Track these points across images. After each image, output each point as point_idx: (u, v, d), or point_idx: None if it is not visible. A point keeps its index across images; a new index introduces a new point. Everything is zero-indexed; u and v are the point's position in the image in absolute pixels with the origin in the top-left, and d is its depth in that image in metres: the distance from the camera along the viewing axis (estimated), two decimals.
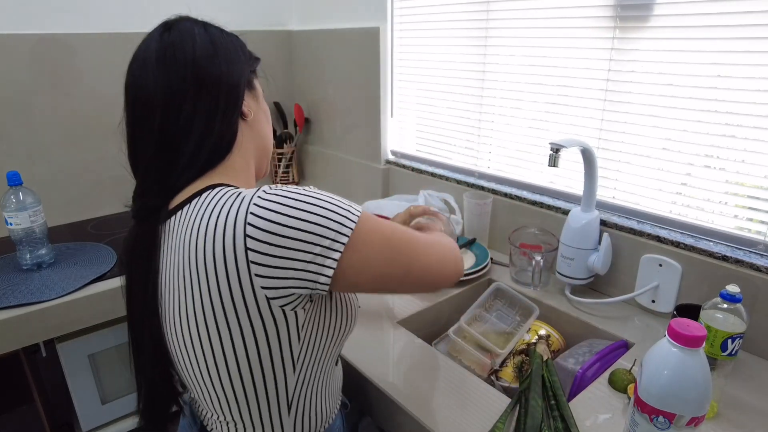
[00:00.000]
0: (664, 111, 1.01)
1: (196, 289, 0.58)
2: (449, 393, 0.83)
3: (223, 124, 0.65)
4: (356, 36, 1.63)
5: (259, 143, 0.73)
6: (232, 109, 0.66)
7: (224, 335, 0.58)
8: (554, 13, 1.15)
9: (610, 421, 0.76)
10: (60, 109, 1.46)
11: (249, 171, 0.72)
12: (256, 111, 0.72)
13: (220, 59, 0.65)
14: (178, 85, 0.62)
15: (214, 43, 0.66)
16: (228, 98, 0.66)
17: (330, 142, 1.91)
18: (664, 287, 1.01)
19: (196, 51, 0.64)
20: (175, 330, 0.62)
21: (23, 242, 1.14)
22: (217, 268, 0.56)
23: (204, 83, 0.63)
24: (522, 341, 1.02)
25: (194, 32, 0.65)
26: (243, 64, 0.69)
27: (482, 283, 1.20)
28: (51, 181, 1.48)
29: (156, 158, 0.63)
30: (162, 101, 0.62)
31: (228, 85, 0.66)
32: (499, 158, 1.39)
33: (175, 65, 0.62)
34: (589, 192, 1.06)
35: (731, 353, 0.72)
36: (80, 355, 1.16)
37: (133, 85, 0.64)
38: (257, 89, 0.74)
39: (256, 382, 0.61)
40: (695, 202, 1.01)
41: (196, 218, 0.58)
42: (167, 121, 0.62)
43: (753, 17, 0.87)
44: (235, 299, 0.56)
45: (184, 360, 0.64)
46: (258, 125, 0.73)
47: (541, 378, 0.83)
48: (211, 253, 0.56)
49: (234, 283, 0.56)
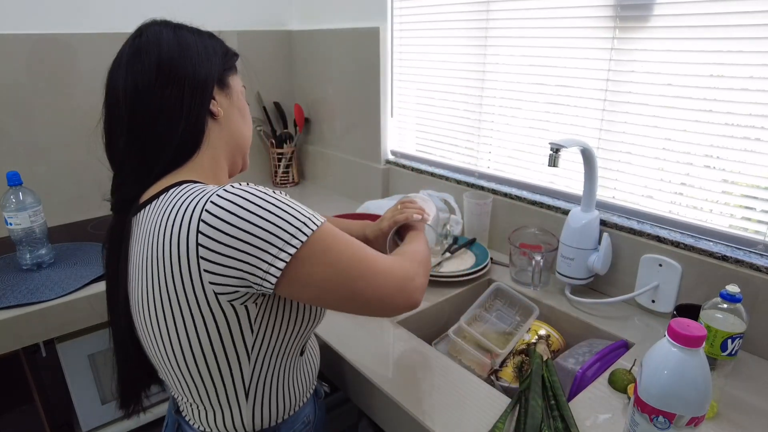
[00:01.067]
0: (664, 111, 1.01)
1: (156, 280, 0.61)
2: (449, 393, 0.83)
3: (188, 123, 0.67)
4: (356, 36, 1.63)
5: (231, 141, 0.74)
6: (197, 109, 0.68)
7: (179, 325, 0.61)
8: (554, 13, 1.15)
9: (610, 421, 0.76)
10: (60, 109, 1.46)
11: (219, 168, 0.73)
12: (228, 109, 0.73)
13: (185, 60, 0.67)
14: (144, 85, 0.65)
15: (181, 45, 0.68)
16: (193, 98, 0.67)
17: (330, 142, 1.91)
18: (664, 287, 1.01)
19: (162, 53, 0.66)
20: (142, 317, 0.65)
21: (23, 242, 1.14)
22: (172, 262, 0.58)
23: (168, 84, 0.65)
24: (522, 341, 1.02)
25: (161, 35, 0.68)
26: (212, 64, 0.70)
27: (482, 283, 1.20)
28: (51, 181, 1.48)
29: (126, 154, 0.67)
30: (129, 100, 0.65)
31: (193, 85, 0.67)
32: (499, 158, 1.39)
33: (141, 66, 0.65)
34: (589, 192, 1.06)
35: (731, 353, 0.72)
36: (80, 355, 1.16)
37: (107, 85, 0.69)
38: (231, 87, 0.74)
39: (211, 369, 0.64)
40: (695, 202, 1.01)
41: (159, 213, 0.61)
42: (134, 119, 0.66)
43: (752, 17, 0.87)
44: (187, 292, 0.59)
45: (150, 345, 0.67)
46: (231, 124, 0.73)
47: (541, 378, 0.83)
48: (168, 247, 0.59)
49: (186, 277, 0.58)
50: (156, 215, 0.62)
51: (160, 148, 0.66)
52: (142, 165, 0.67)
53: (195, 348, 0.62)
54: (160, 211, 0.62)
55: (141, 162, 0.67)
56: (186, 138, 0.67)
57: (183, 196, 0.61)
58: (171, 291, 0.60)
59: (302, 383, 0.75)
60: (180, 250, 0.58)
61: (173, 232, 0.58)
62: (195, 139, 0.69)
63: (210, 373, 0.64)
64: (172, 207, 0.60)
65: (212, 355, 0.63)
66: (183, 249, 0.58)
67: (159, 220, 0.61)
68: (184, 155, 0.68)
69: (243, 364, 0.65)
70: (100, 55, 1.47)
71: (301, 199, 2.04)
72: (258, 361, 0.66)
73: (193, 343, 0.62)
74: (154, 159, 0.66)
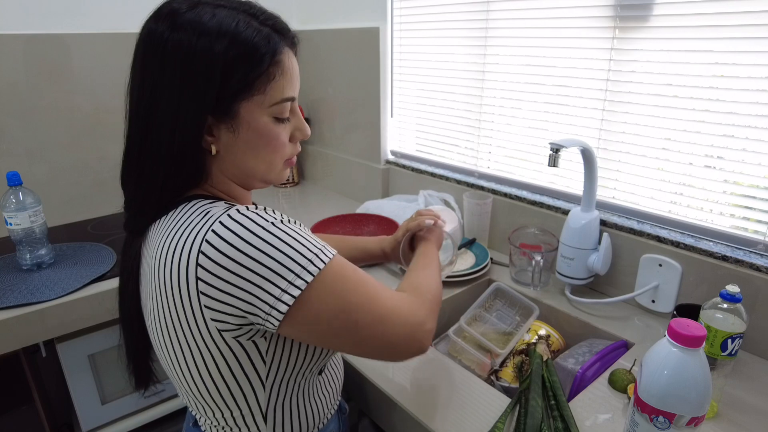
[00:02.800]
0: (664, 111, 1.01)
1: (163, 308, 0.58)
2: (449, 393, 0.83)
3: (174, 162, 0.58)
4: (356, 36, 1.62)
5: (235, 173, 0.63)
6: (181, 148, 0.57)
7: (187, 355, 0.59)
8: (554, 13, 1.15)
9: (610, 421, 0.76)
10: (60, 109, 1.45)
11: (230, 191, 0.65)
12: (229, 143, 0.60)
13: (162, 91, 0.56)
14: (132, 103, 0.60)
15: (165, 60, 0.56)
16: (173, 134, 0.57)
17: (330, 142, 1.91)
18: (664, 287, 1.01)
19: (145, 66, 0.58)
20: (155, 332, 0.63)
21: (23, 242, 1.14)
22: (173, 294, 0.55)
23: (146, 112, 0.58)
24: (522, 341, 1.02)
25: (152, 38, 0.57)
26: (202, 95, 0.56)
27: (482, 283, 1.20)
28: (51, 181, 1.48)
29: (128, 175, 0.63)
30: (128, 116, 0.61)
31: (171, 119, 0.56)
32: (499, 158, 1.39)
33: (131, 79, 0.60)
34: (589, 192, 1.06)
35: (731, 353, 0.72)
36: (80, 355, 1.16)
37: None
38: (239, 117, 0.58)
39: (225, 397, 0.61)
40: (695, 202, 1.01)
41: (164, 234, 0.58)
42: (128, 140, 0.61)
43: (752, 17, 0.87)
44: (191, 326, 0.56)
45: (166, 364, 0.64)
46: (232, 157, 0.61)
47: (541, 378, 0.83)
48: (168, 276, 0.55)
49: (188, 311, 0.55)
50: (161, 236, 0.58)
51: (154, 181, 0.59)
52: (140, 192, 0.61)
53: (206, 378, 0.59)
54: (165, 232, 0.58)
55: (136, 188, 0.61)
56: (176, 174, 0.59)
57: (186, 220, 0.56)
58: (176, 322, 0.57)
59: (323, 401, 0.72)
60: (180, 283, 0.54)
61: (173, 262, 0.55)
62: (188, 176, 0.60)
63: (224, 399, 0.61)
64: (174, 232, 0.56)
65: (224, 385, 0.60)
66: (183, 283, 0.54)
67: (163, 244, 0.57)
68: (182, 187, 0.61)
69: (258, 392, 0.61)
70: (100, 56, 1.48)
71: (301, 199, 2.04)
72: (273, 387, 0.63)
73: (203, 373, 0.59)
74: (150, 188, 0.60)
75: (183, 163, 0.58)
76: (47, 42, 1.40)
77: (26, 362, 1.18)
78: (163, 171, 0.58)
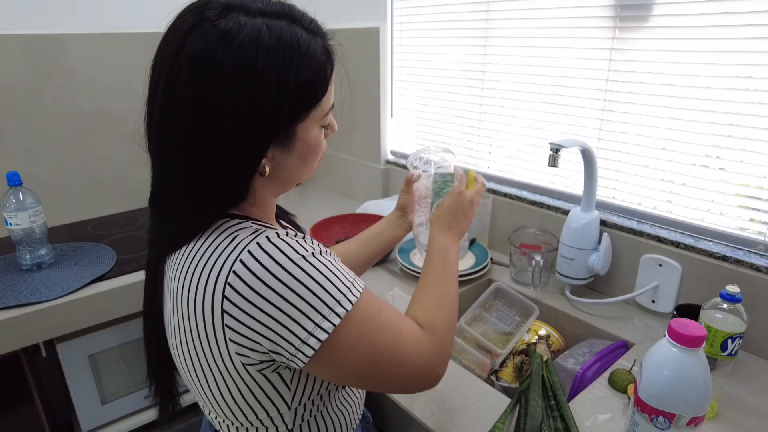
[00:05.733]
0: (664, 111, 1.01)
1: (185, 327, 0.57)
2: (449, 393, 0.83)
3: (227, 187, 0.56)
4: (356, 36, 1.62)
5: (278, 185, 0.62)
6: (235, 175, 0.55)
7: (210, 380, 0.58)
8: (554, 13, 1.15)
9: (610, 421, 0.76)
10: (60, 109, 1.45)
11: (263, 204, 0.63)
12: (281, 161, 0.58)
13: (224, 119, 0.52)
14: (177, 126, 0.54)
15: (224, 88, 0.51)
16: (231, 162, 0.54)
17: (330, 142, 1.89)
18: (664, 287, 1.01)
19: (196, 97, 0.51)
20: (177, 352, 0.62)
21: (23, 242, 1.14)
22: (197, 320, 0.54)
23: (199, 149, 0.53)
24: (522, 341, 1.02)
25: (201, 60, 0.50)
26: (269, 123, 0.53)
27: (482, 283, 1.20)
28: (51, 181, 1.48)
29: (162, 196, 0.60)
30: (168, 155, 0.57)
31: (232, 151, 0.53)
32: (499, 158, 1.39)
33: (175, 104, 0.53)
34: (588, 192, 1.06)
35: (731, 353, 0.72)
36: (80, 355, 1.16)
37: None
38: (297, 138, 0.57)
39: (249, 416, 0.60)
40: (695, 202, 1.01)
41: (190, 259, 0.56)
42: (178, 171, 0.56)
43: (752, 17, 0.87)
44: (215, 355, 0.55)
45: (187, 378, 0.63)
46: (281, 173, 0.60)
47: (541, 378, 0.83)
48: (193, 303, 0.54)
49: (212, 341, 0.54)
50: (187, 260, 0.56)
51: (202, 204, 0.56)
52: (178, 215, 0.58)
53: (230, 401, 0.58)
54: (191, 256, 0.56)
55: (176, 212, 0.58)
56: (226, 197, 0.57)
57: (213, 245, 0.54)
58: (200, 349, 0.56)
59: (348, 413, 0.70)
60: (205, 313, 0.53)
61: (198, 291, 0.53)
62: (235, 198, 0.58)
63: (249, 420, 0.60)
64: (200, 257, 0.55)
65: (249, 408, 0.59)
66: (208, 313, 0.53)
67: (188, 269, 0.56)
68: (225, 208, 0.58)
69: (283, 412, 0.60)
70: (100, 56, 1.48)
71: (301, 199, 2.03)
72: (299, 407, 0.61)
73: (226, 397, 0.58)
74: (190, 212, 0.57)
75: (235, 187, 0.56)
76: (47, 42, 1.40)
77: (26, 362, 1.18)
78: (215, 195, 0.55)
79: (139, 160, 0.62)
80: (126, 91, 1.53)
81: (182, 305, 0.56)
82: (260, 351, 0.53)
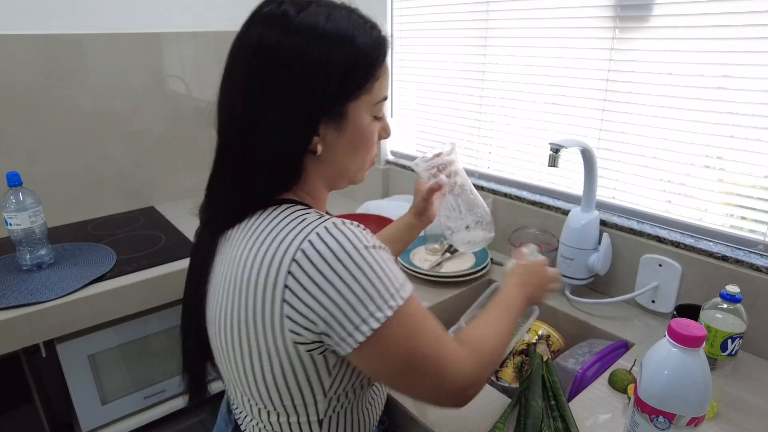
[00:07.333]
0: (664, 111, 1.01)
1: (238, 302, 0.58)
2: None
3: (276, 162, 0.59)
4: None
5: (329, 173, 0.65)
6: (287, 149, 0.59)
7: (255, 358, 0.58)
8: (554, 13, 1.15)
9: (610, 422, 0.76)
10: (60, 109, 1.45)
11: (316, 193, 0.66)
12: (333, 143, 0.61)
13: (279, 83, 0.56)
14: (237, 102, 0.59)
15: (279, 61, 0.55)
16: (282, 135, 0.58)
17: None
18: (664, 287, 1.01)
19: (252, 70, 0.57)
20: (222, 331, 0.62)
21: (23, 243, 1.14)
22: (256, 294, 0.55)
23: (255, 111, 0.58)
24: (522, 341, 1.02)
25: (262, 42, 0.56)
26: (318, 100, 0.57)
27: (482, 283, 1.20)
28: (51, 181, 1.48)
29: (220, 177, 0.64)
30: (224, 136, 0.62)
31: (283, 121, 0.57)
32: (499, 158, 1.39)
33: (234, 84, 0.60)
34: (588, 192, 1.06)
35: (731, 353, 0.72)
36: (80, 355, 1.16)
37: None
38: (348, 118, 0.60)
39: (285, 400, 0.61)
40: (695, 202, 1.01)
41: (253, 236, 0.58)
42: (230, 152, 0.62)
43: (752, 17, 0.87)
44: (266, 330, 0.56)
45: (227, 360, 0.63)
46: (332, 156, 0.62)
47: (541, 378, 0.83)
48: (255, 277, 0.55)
49: (267, 316, 0.55)
50: (250, 237, 0.58)
51: (253, 184, 0.60)
52: (232, 195, 0.62)
53: (270, 383, 0.59)
54: (255, 234, 0.58)
55: (230, 192, 0.62)
56: (277, 177, 0.60)
57: (281, 224, 0.56)
58: (251, 324, 0.56)
59: (372, 413, 0.71)
60: (267, 286, 0.54)
61: (263, 264, 0.55)
62: (286, 178, 0.61)
63: (284, 404, 0.61)
64: (267, 234, 0.56)
65: (287, 391, 0.59)
66: (270, 287, 0.54)
67: (252, 245, 0.57)
68: (277, 190, 0.62)
69: (318, 400, 0.61)
70: (100, 56, 1.47)
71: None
72: (334, 396, 0.62)
73: (267, 377, 0.59)
74: (242, 191, 0.61)
75: (287, 165, 0.60)
76: (47, 42, 1.40)
77: (26, 362, 1.18)
78: (265, 174, 0.59)
79: (139, 160, 0.63)
80: (126, 91, 1.53)
81: (238, 279, 0.57)
82: (313, 331, 0.54)
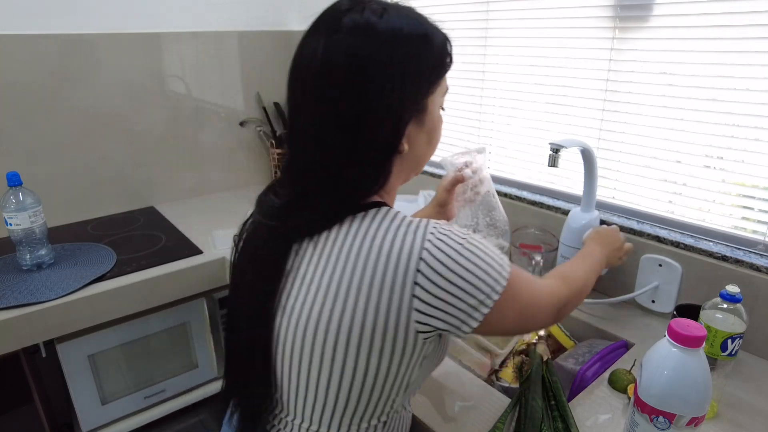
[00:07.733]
0: (664, 111, 1.01)
1: (347, 299, 0.57)
2: (449, 393, 0.83)
3: (375, 166, 0.61)
4: None
5: (408, 167, 0.67)
6: (380, 155, 0.61)
7: (363, 354, 0.58)
8: (554, 13, 1.15)
9: (610, 421, 0.76)
10: (60, 109, 1.45)
11: (391, 192, 0.68)
12: (415, 138, 0.64)
13: (371, 102, 0.58)
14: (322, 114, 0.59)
15: (368, 71, 0.57)
16: (374, 142, 0.60)
17: None
18: (664, 287, 1.01)
19: (338, 78, 0.57)
20: (304, 339, 0.60)
21: (23, 243, 1.14)
22: (382, 291, 0.56)
23: (342, 122, 0.58)
24: (522, 341, 1.02)
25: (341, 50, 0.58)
26: (412, 100, 0.60)
27: None
28: (51, 181, 1.48)
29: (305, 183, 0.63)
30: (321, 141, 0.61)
31: (373, 128, 0.59)
32: (498, 158, 1.39)
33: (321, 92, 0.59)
34: (588, 192, 1.06)
35: (731, 353, 0.72)
36: (80, 355, 1.16)
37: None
38: (428, 111, 0.64)
39: (363, 396, 0.61)
40: (695, 202, 1.01)
41: (367, 235, 0.58)
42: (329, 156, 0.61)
43: (753, 17, 0.87)
44: (389, 324, 0.57)
45: (302, 372, 0.61)
46: (415, 151, 0.65)
47: (541, 378, 0.83)
48: (381, 275, 0.56)
49: (393, 311, 0.57)
50: (362, 236, 0.58)
51: (351, 186, 0.61)
52: (334, 198, 0.61)
53: (360, 373, 0.59)
54: (367, 233, 0.58)
55: (332, 195, 0.61)
56: (372, 178, 0.62)
57: (397, 227, 0.58)
58: (369, 320, 0.57)
59: (407, 415, 0.72)
60: (395, 286, 0.56)
61: (389, 262, 0.56)
62: (377, 179, 0.62)
63: (359, 401, 0.61)
64: (384, 234, 0.58)
65: (372, 381, 0.60)
66: (399, 285, 0.56)
67: (368, 244, 0.58)
68: (368, 192, 0.63)
69: (398, 396, 0.63)
70: (100, 56, 1.47)
71: None
72: (392, 411, 0.65)
73: (359, 367, 0.59)
74: (346, 194, 0.61)
75: (383, 168, 0.62)
76: (47, 42, 1.40)
77: (26, 362, 1.18)
78: (364, 177, 0.61)
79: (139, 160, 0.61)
80: (126, 91, 1.53)
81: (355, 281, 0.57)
82: (440, 319, 0.58)
